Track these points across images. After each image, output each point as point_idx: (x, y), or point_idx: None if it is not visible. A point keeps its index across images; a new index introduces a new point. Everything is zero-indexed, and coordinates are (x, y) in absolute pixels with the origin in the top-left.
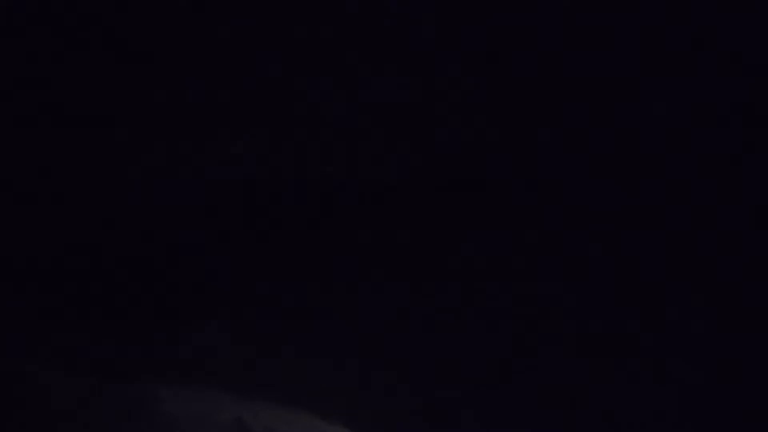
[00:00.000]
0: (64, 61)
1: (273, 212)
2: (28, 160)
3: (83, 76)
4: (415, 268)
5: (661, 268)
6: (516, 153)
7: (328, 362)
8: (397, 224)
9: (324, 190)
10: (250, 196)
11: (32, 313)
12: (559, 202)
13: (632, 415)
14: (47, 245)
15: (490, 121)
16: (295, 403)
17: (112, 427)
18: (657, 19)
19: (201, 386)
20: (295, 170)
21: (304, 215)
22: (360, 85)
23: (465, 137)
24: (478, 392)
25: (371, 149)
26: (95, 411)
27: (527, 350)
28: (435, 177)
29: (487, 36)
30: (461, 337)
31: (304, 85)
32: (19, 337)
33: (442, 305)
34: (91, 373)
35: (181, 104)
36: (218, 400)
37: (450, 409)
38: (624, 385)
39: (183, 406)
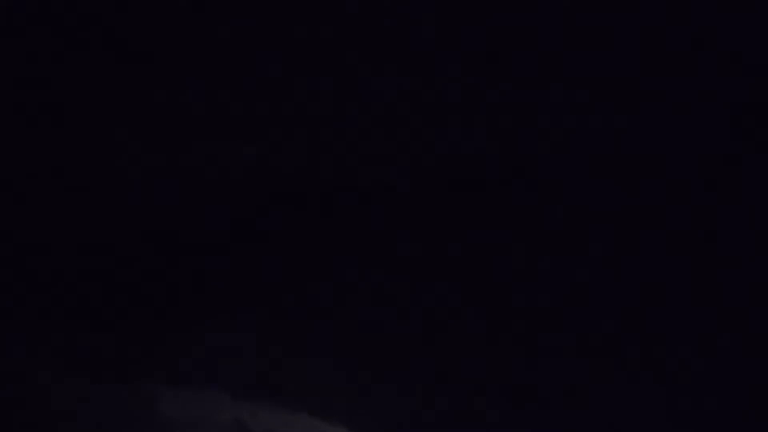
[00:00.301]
0: (64, 61)
1: (273, 212)
2: (28, 160)
3: (83, 76)
4: (415, 268)
5: (661, 268)
6: (516, 153)
7: (328, 362)
8: (397, 224)
9: (324, 190)
10: (250, 196)
11: (32, 313)
12: (559, 202)
13: (632, 415)
14: (47, 245)
15: (490, 121)
16: (295, 403)
17: (112, 427)
18: (657, 19)
19: (201, 386)
20: (296, 170)
21: (304, 215)
22: (360, 85)
23: (465, 137)
24: (478, 392)
25: (371, 149)
26: (95, 411)
27: (527, 350)
28: (435, 177)
29: (487, 36)
30: (461, 337)
31: (304, 85)
32: (19, 337)
33: (441, 305)
34: (91, 373)
35: (181, 104)
36: (218, 400)
37: (450, 409)
38: (624, 385)
39: (182, 406)
